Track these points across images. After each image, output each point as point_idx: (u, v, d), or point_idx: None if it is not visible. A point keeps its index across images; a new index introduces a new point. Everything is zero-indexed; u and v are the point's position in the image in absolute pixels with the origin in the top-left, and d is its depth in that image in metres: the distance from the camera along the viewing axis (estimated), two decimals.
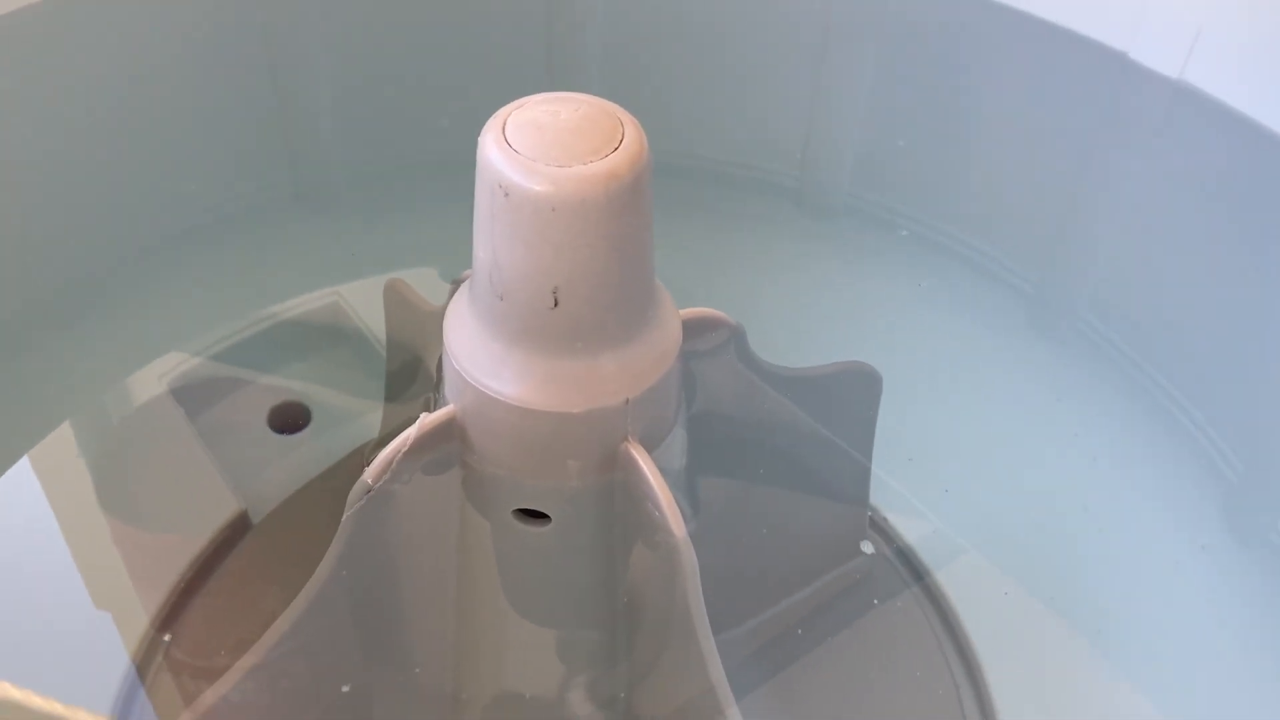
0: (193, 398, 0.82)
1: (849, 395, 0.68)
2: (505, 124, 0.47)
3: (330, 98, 0.90)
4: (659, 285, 0.53)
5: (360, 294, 0.90)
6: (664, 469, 0.51)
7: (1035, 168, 0.85)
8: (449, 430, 0.52)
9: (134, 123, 0.83)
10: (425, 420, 0.51)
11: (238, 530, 0.75)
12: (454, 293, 0.55)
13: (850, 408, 0.69)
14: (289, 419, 0.83)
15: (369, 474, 0.51)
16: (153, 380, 0.83)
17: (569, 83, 0.93)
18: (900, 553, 0.76)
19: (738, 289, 0.88)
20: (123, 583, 0.73)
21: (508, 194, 0.45)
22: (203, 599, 0.72)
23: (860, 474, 0.72)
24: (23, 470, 0.78)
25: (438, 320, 0.54)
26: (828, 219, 0.95)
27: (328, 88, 0.89)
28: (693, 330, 0.55)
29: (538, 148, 0.46)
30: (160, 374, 0.84)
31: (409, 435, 0.51)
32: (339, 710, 0.59)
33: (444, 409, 0.52)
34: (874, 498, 0.75)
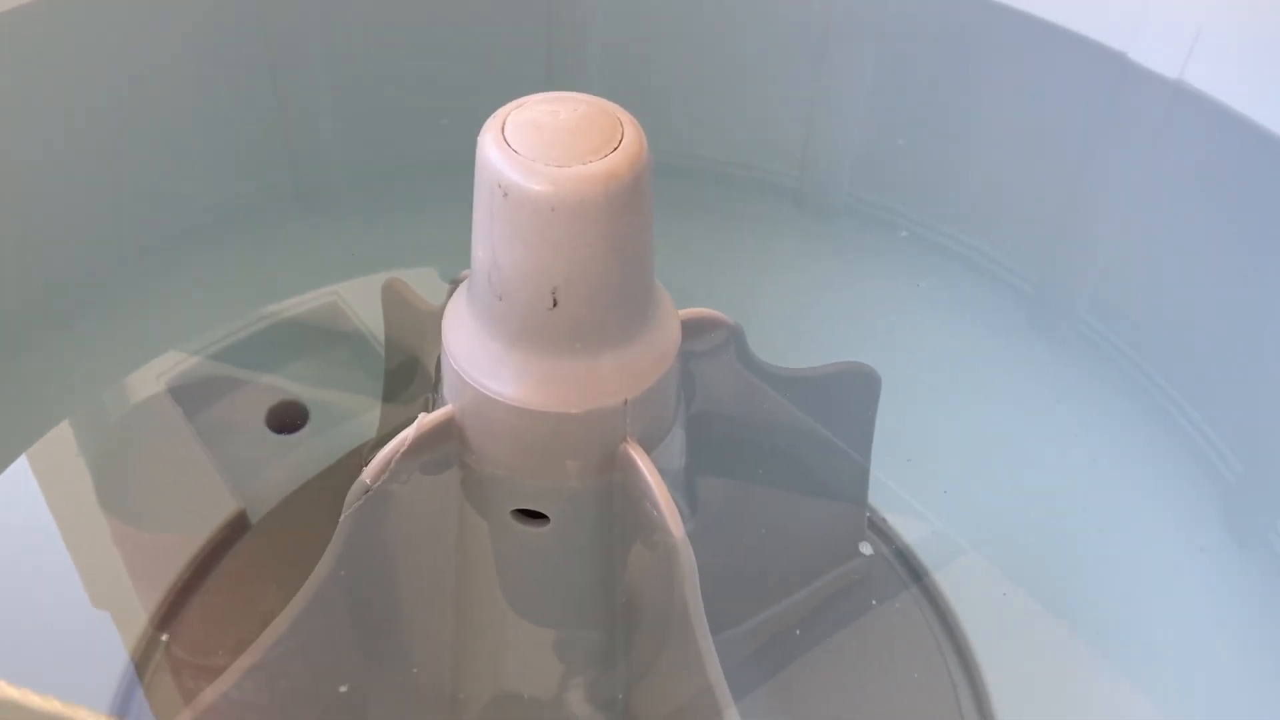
0: (191, 397, 0.82)
1: (848, 395, 0.68)
2: (504, 124, 0.47)
3: (329, 97, 0.90)
4: (658, 285, 0.52)
5: (359, 293, 0.90)
6: (663, 469, 0.51)
7: (1035, 168, 0.84)
8: (447, 430, 0.52)
9: (133, 122, 0.83)
10: (424, 420, 0.51)
11: (236, 529, 0.75)
12: (453, 292, 0.55)
13: (849, 408, 0.69)
14: (287, 418, 0.83)
15: (367, 474, 0.51)
16: (151, 379, 0.83)
17: (569, 82, 0.93)
18: (899, 553, 0.76)
19: (737, 289, 0.88)
20: (121, 582, 0.73)
21: (507, 194, 0.45)
22: (201, 598, 0.72)
23: (859, 474, 0.72)
24: (21, 469, 0.78)
25: (436, 320, 0.54)
26: (827, 219, 0.95)
27: (327, 87, 0.89)
28: (692, 330, 0.55)
29: (537, 147, 0.46)
30: (159, 373, 0.84)
31: (407, 435, 0.51)
32: (337, 710, 0.59)
33: (442, 409, 0.52)
34: (873, 498, 0.75)
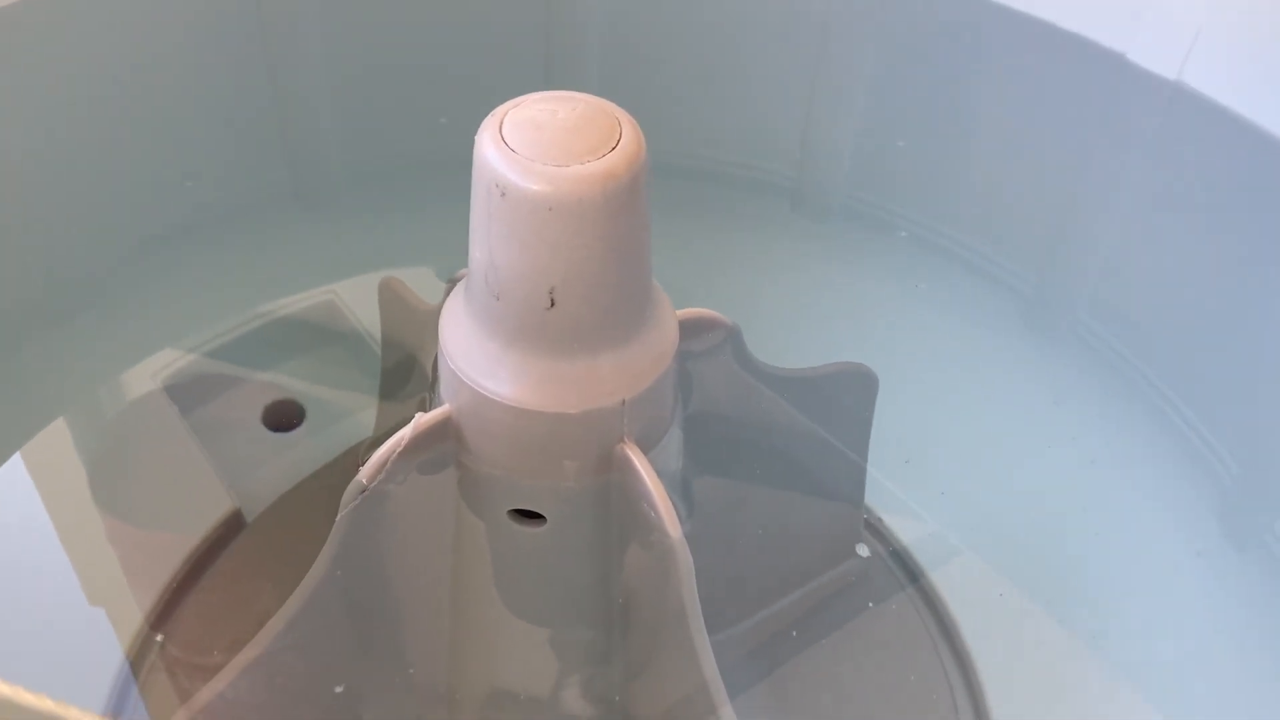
0: (187, 395, 0.82)
1: (845, 396, 0.68)
2: (502, 123, 0.47)
3: (327, 95, 0.90)
4: (656, 285, 0.52)
5: (356, 292, 0.89)
6: (660, 470, 0.51)
7: (1033, 169, 0.84)
8: (444, 430, 0.52)
9: (130, 119, 0.83)
10: (420, 420, 0.51)
11: (232, 528, 0.75)
12: (450, 292, 0.55)
13: (846, 408, 0.69)
14: (283, 417, 0.82)
15: (364, 474, 0.51)
16: (147, 377, 0.83)
17: (567, 81, 0.92)
18: (896, 554, 0.76)
19: (734, 289, 0.88)
20: (116, 580, 0.72)
21: (504, 193, 0.45)
22: (196, 597, 0.71)
23: (856, 475, 0.72)
24: (16, 467, 0.78)
25: (433, 319, 0.54)
26: (825, 219, 0.95)
27: (325, 86, 0.89)
28: (689, 331, 0.55)
29: (535, 147, 0.45)
30: (154, 371, 0.84)
31: (404, 435, 0.51)
32: (333, 709, 0.59)
33: (439, 409, 0.52)
34: (870, 499, 0.75)
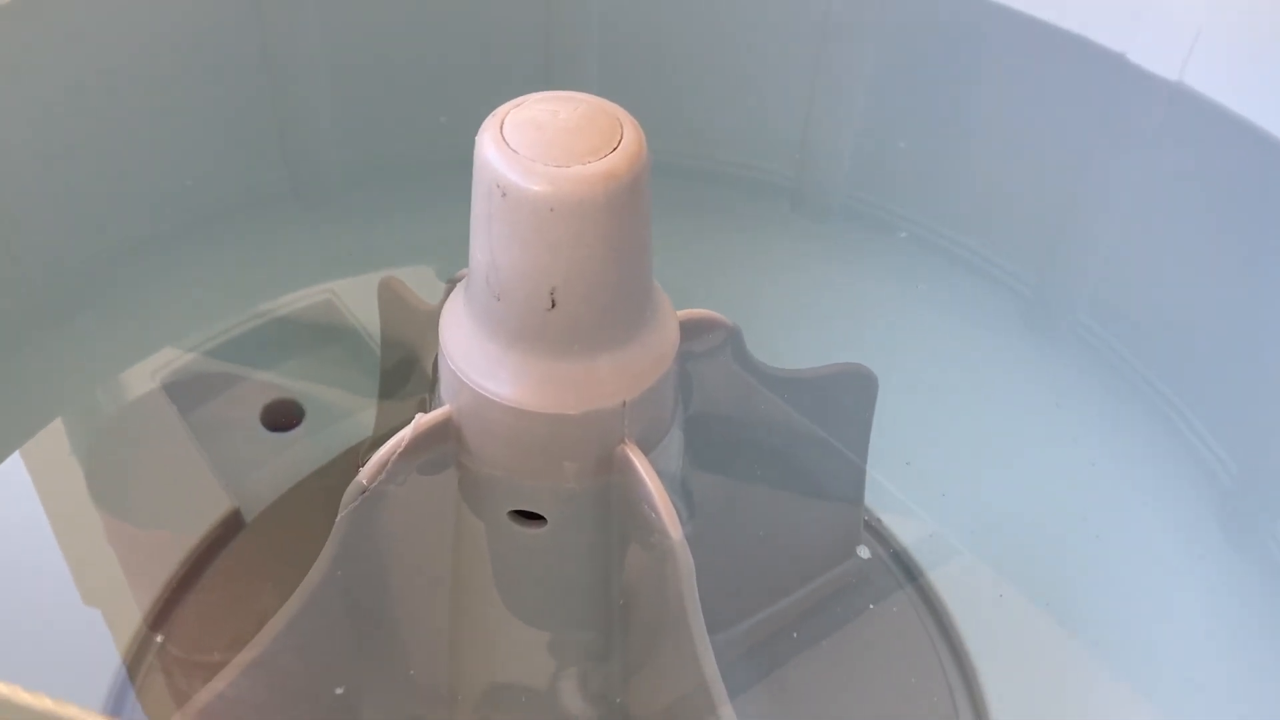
0: (186, 394, 0.82)
1: (845, 397, 0.68)
2: (503, 123, 0.46)
3: (327, 95, 0.90)
4: (656, 286, 0.52)
5: (355, 291, 0.89)
6: (660, 471, 0.51)
7: (1033, 169, 0.84)
8: (445, 431, 0.51)
9: (129, 119, 0.83)
10: (421, 421, 0.51)
11: (230, 528, 0.75)
12: (450, 292, 0.55)
13: (846, 409, 0.69)
14: (282, 416, 0.82)
15: (364, 474, 0.51)
16: (145, 376, 0.83)
17: (567, 81, 0.92)
18: (896, 555, 0.76)
19: (734, 289, 0.88)
20: (115, 580, 0.72)
21: (505, 194, 0.45)
22: (195, 597, 0.71)
23: (855, 476, 0.72)
24: (14, 466, 0.78)
25: (433, 319, 0.54)
26: (825, 219, 0.95)
27: (324, 85, 0.89)
28: (690, 331, 0.55)
29: (536, 147, 0.45)
30: (153, 370, 0.83)
31: (404, 436, 0.51)
32: (334, 710, 0.59)
33: (440, 409, 0.51)
34: (870, 500, 0.75)
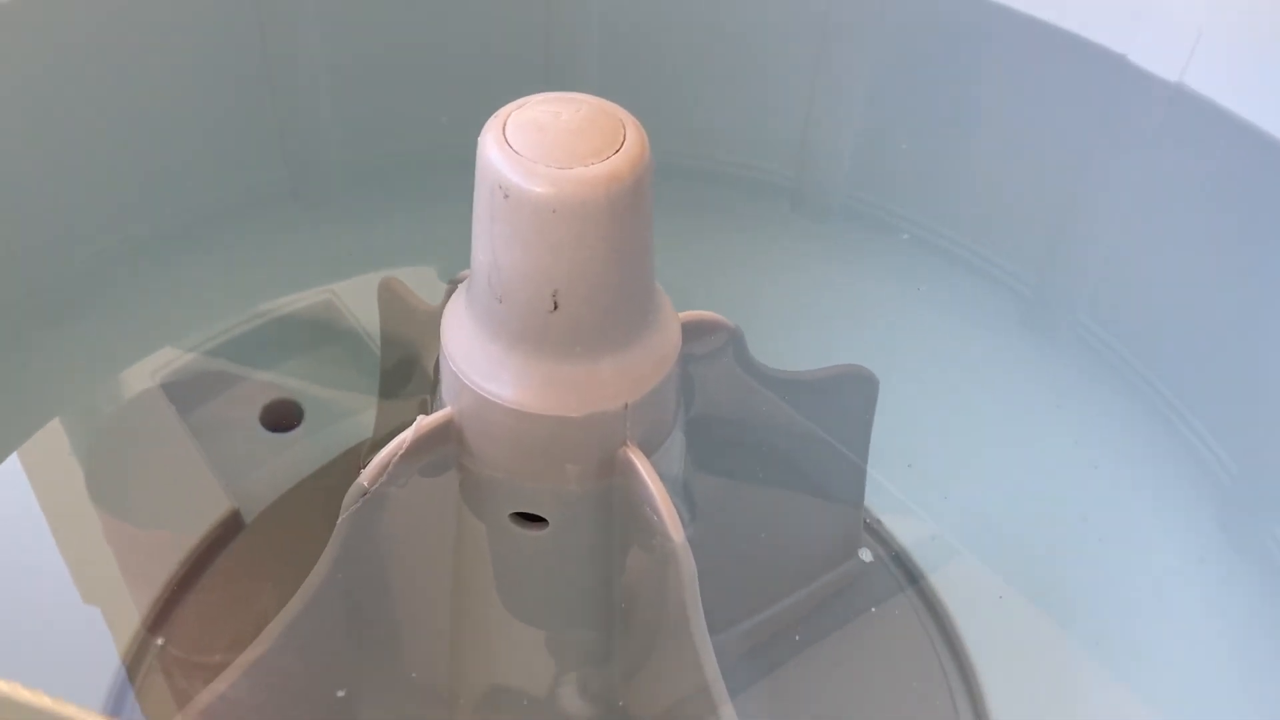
0: (185, 394, 0.82)
1: (846, 398, 0.68)
2: (505, 124, 0.46)
3: (326, 94, 0.89)
4: (658, 288, 0.52)
5: (354, 291, 0.89)
6: (662, 473, 0.51)
7: (1034, 170, 0.84)
8: (446, 433, 0.51)
9: (127, 116, 0.82)
10: (422, 423, 0.51)
11: (230, 529, 0.74)
12: (451, 293, 0.55)
13: (847, 411, 0.69)
14: (281, 417, 0.82)
15: (365, 476, 0.51)
16: (145, 376, 0.83)
17: (567, 80, 0.92)
18: (896, 557, 0.76)
19: (734, 290, 0.88)
20: (114, 581, 0.72)
21: (508, 195, 0.45)
22: (195, 598, 0.71)
23: (856, 477, 0.72)
24: (13, 467, 0.78)
25: (433, 320, 0.54)
26: (825, 220, 0.95)
27: (324, 83, 0.89)
28: (691, 333, 0.55)
29: (538, 148, 0.45)
30: (152, 370, 0.83)
31: (406, 438, 0.50)
32: (334, 712, 0.59)
33: (441, 411, 0.51)
34: (870, 501, 0.75)
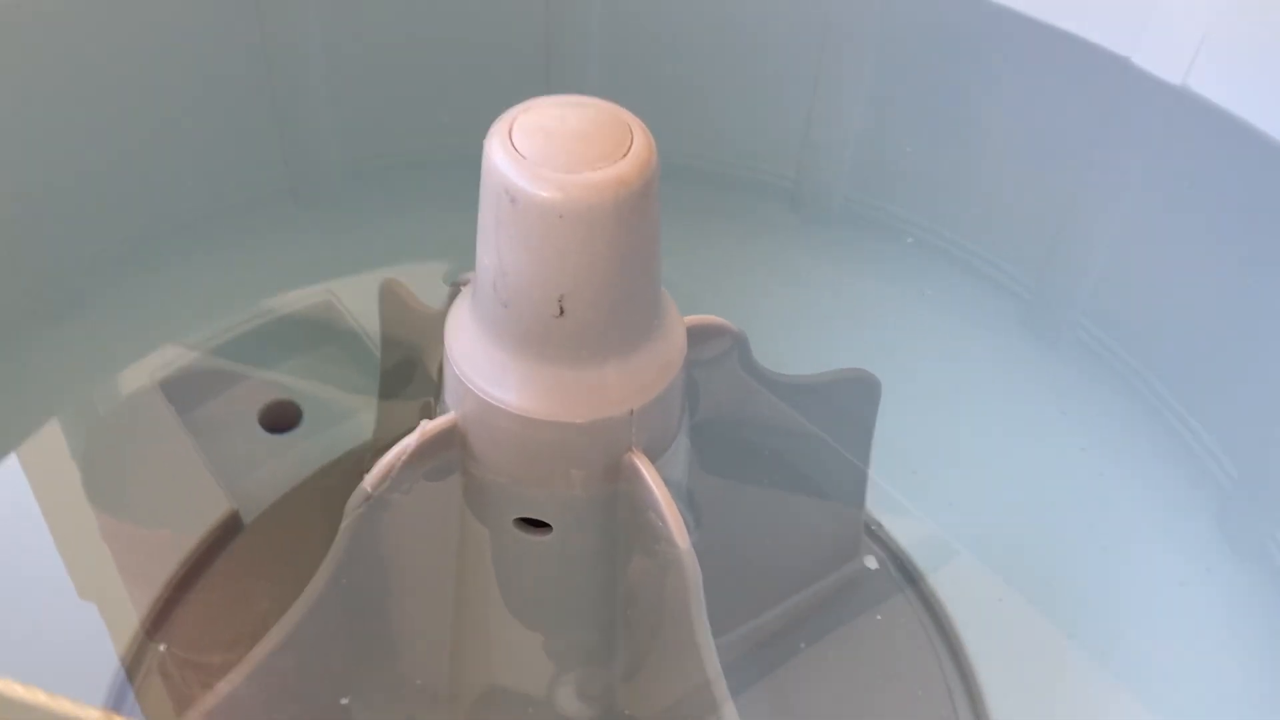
0: (184, 395, 0.81)
1: (849, 402, 0.68)
2: (512, 128, 0.46)
3: (326, 94, 0.89)
4: (665, 293, 0.52)
5: (354, 291, 0.89)
6: (667, 479, 0.51)
7: (1037, 172, 0.84)
8: (450, 438, 0.51)
9: (126, 115, 0.82)
10: (426, 427, 0.50)
11: (229, 530, 0.74)
12: (453, 295, 0.55)
13: (850, 414, 0.69)
14: (281, 418, 0.82)
15: (368, 481, 0.51)
16: (143, 376, 0.82)
17: (567, 80, 0.92)
18: (896, 559, 0.76)
19: (735, 292, 0.87)
20: (113, 582, 0.72)
21: (514, 200, 0.45)
22: (194, 600, 0.71)
23: (858, 480, 0.72)
24: (11, 468, 0.77)
25: (434, 322, 0.54)
26: (827, 223, 0.95)
27: (324, 84, 0.89)
28: (696, 338, 0.54)
29: (545, 153, 0.45)
30: (151, 370, 0.83)
31: (410, 443, 0.50)
32: (335, 716, 0.59)
33: (445, 416, 0.51)
34: (872, 504, 0.75)
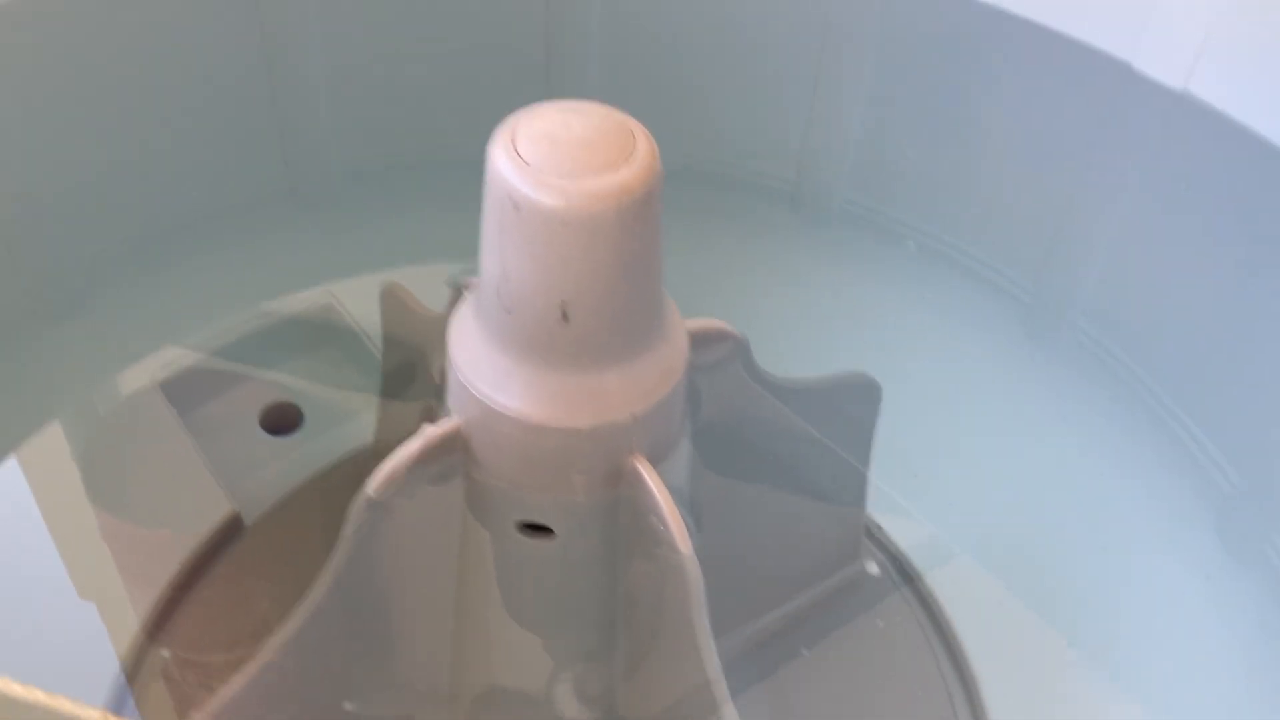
0: (184, 396, 0.81)
1: (849, 405, 0.68)
2: (515, 134, 0.46)
3: (326, 95, 0.89)
4: (667, 298, 0.52)
5: (354, 293, 0.89)
6: (669, 483, 0.51)
7: (1036, 177, 0.84)
8: (453, 443, 0.51)
9: (128, 118, 0.82)
10: (429, 432, 0.51)
11: (230, 532, 0.74)
12: (454, 299, 0.55)
13: (850, 417, 0.69)
14: (281, 420, 0.82)
15: (371, 486, 0.51)
16: (144, 378, 0.82)
17: (567, 81, 0.92)
18: (896, 561, 0.76)
19: (736, 295, 0.87)
20: (113, 584, 0.72)
21: (518, 207, 0.45)
22: (195, 601, 0.71)
23: (858, 482, 0.72)
24: (12, 469, 0.77)
25: (436, 325, 0.54)
26: (827, 226, 0.95)
27: (323, 84, 0.88)
28: (698, 342, 0.54)
29: (549, 160, 0.45)
30: (151, 371, 0.83)
31: (413, 448, 0.50)
32: (336, 715, 0.59)
33: (448, 421, 0.51)
34: (873, 507, 0.75)
